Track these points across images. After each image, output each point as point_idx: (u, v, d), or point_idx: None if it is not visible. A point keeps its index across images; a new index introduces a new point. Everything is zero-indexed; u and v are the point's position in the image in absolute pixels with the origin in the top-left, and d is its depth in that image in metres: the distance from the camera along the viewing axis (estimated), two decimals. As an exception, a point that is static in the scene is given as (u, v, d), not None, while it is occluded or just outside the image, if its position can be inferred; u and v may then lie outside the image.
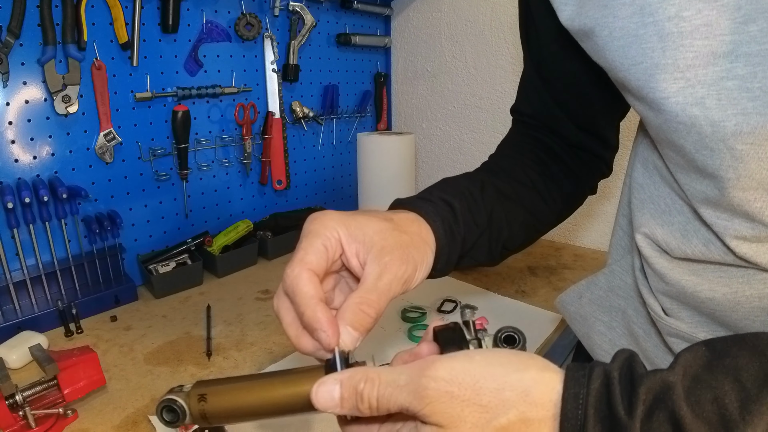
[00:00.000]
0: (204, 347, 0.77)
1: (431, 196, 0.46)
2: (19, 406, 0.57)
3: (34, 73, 0.83)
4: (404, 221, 0.41)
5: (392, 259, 0.36)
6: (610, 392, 0.26)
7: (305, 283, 0.34)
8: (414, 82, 1.43)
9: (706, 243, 0.39)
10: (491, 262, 0.52)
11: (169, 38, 0.98)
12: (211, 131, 1.08)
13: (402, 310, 0.86)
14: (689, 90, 0.34)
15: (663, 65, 0.35)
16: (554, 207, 0.56)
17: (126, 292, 0.92)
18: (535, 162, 0.55)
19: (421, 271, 0.40)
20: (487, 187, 0.50)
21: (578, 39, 0.43)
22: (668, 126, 0.36)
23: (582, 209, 1.20)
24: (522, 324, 0.82)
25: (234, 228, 1.08)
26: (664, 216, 0.43)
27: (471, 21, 1.26)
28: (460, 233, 0.45)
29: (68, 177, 0.89)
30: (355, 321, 0.35)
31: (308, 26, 1.17)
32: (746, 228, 0.36)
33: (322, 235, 0.37)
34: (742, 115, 0.32)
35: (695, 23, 0.33)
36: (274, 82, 1.16)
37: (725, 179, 0.34)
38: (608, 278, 0.55)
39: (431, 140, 1.44)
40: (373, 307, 0.35)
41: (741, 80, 0.32)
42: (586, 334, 0.58)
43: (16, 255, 0.83)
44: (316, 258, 0.36)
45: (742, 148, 0.33)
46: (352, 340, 0.34)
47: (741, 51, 0.32)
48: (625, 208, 0.53)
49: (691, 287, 0.41)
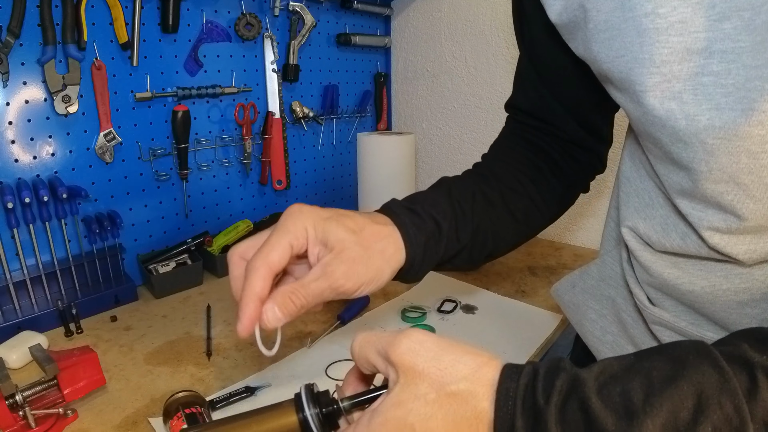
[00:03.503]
0: (204, 347, 0.77)
1: (422, 210, 0.47)
2: (19, 406, 0.57)
3: (34, 73, 0.83)
4: (373, 236, 0.43)
5: (335, 270, 0.40)
6: (535, 388, 0.29)
7: (257, 278, 0.39)
8: (414, 82, 1.43)
9: (683, 236, 0.41)
10: (472, 268, 0.54)
11: (169, 38, 0.98)
12: (211, 131, 1.08)
13: (402, 310, 0.86)
14: (666, 84, 0.35)
15: (641, 60, 0.36)
16: (545, 211, 0.57)
17: (126, 292, 0.92)
18: (528, 166, 0.56)
19: (367, 288, 0.42)
20: (477, 198, 0.51)
21: (566, 35, 0.44)
22: (646, 119, 0.38)
23: (583, 209, 1.20)
24: (522, 324, 0.82)
25: (234, 228, 1.09)
26: (647, 210, 0.45)
27: (471, 21, 1.26)
28: (438, 253, 0.47)
29: (68, 177, 0.89)
30: (282, 304, 0.39)
31: (308, 26, 1.17)
32: (719, 219, 0.37)
33: (293, 233, 0.40)
34: (716, 110, 0.33)
35: (670, 20, 0.34)
36: (274, 82, 1.16)
37: (698, 172, 0.36)
38: (600, 268, 0.57)
39: (431, 140, 1.44)
40: (299, 299, 0.39)
41: (716, 76, 0.33)
42: (579, 321, 0.60)
43: (16, 255, 0.83)
44: (279, 257, 0.39)
45: (713, 142, 0.34)
46: (275, 318, 0.39)
47: (715, 48, 0.33)
48: (615, 200, 0.54)
49: (672, 279, 0.43)
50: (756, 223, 0.36)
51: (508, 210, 0.53)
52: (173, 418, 0.55)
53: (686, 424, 0.26)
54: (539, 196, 0.55)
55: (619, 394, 0.27)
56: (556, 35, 0.46)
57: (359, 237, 0.41)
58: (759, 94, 0.31)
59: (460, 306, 0.88)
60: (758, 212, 0.35)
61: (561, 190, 0.58)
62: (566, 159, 0.57)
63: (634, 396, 0.27)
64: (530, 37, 0.54)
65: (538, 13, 0.48)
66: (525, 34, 0.55)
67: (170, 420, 0.55)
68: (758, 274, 0.38)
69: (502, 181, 0.54)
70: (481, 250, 0.52)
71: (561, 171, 0.57)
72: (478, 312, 0.87)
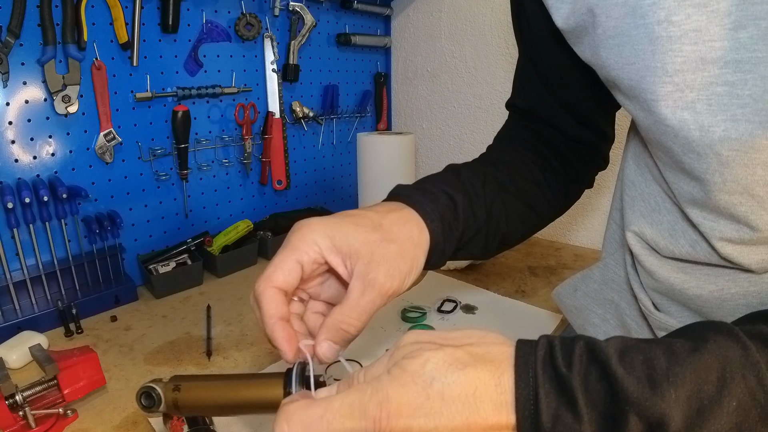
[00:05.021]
0: (204, 347, 0.77)
1: (434, 188, 0.45)
2: (19, 406, 0.57)
3: (34, 73, 0.83)
4: (394, 226, 0.40)
5: (377, 276, 0.37)
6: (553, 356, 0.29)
7: (267, 302, 0.36)
8: (414, 82, 1.43)
9: (692, 244, 0.40)
10: (485, 256, 0.52)
11: (169, 38, 0.98)
12: (211, 131, 1.08)
13: (402, 310, 0.86)
14: (678, 94, 0.34)
15: (653, 68, 0.35)
16: (553, 201, 0.56)
17: (126, 292, 0.92)
18: (535, 154, 0.55)
19: (409, 280, 0.40)
20: (488, 181, 0.50)
21: (572, 39, 0.44)
22: (657, 128, 0.37)
23: (583, 207, 1.20)
24: (522, 324, 0.82)
25: (234, 228, 1.08)
26: (654, 215, 0.44)
27: (471, 21, 1.26)
28: (458, 229, 0.45)
29: (68, 177, 0.89)
30: (336, 337, 0.36)
31: (308, 26, 1.17)
32: (731, 230, 0.36)
33: (299, 249, 0.37)
34: (732, 121, 0.32)
35: (684, 28, 0.33)
36: (274, 82, 1.16)
37: (711, 183, 0.35)
38: (602, 272, 0.56)
39: (431, 140, 1.44)
40: (353, 325, 0.37)
41: (731, 86, 0.32)
42: (581, 325, 0.59)
43: (16, 255, 0.83)
44: (283, 276, 0.37)
45: (729, 154, 0.33)
46: (333, 351, 0.37)
47: (731, 57, 0.32)
48: (618, 202, 0.53)
49: (679, 284, 0.42)
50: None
51: (519, 194, 0.52)
52: (173, 418, 0.55)
53: (710, 397, 0.25)
54: (546, 182, 0.54)
55: (641, 363, 0.27)
56: (557, 35, 0.46)
57: (382, 232, 0.39)
58: None
59: (460, 306, 0.88)
60: None
61: (566, 179, 0.57)
62: (571, 151, 0.57)
63: (657, 364, 0.26)
64: (530, 37, 0.54)
65: (539, 14, 0.47)
66: (525, 33, 0.55)
67: (170, 420, 0.55)
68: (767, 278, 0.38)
69: (511, 167, 0.53)
70: (495, 234, 0.50)
71: (568, 162, 0.56)
72: (478, 312, 0.87)
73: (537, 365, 0.28)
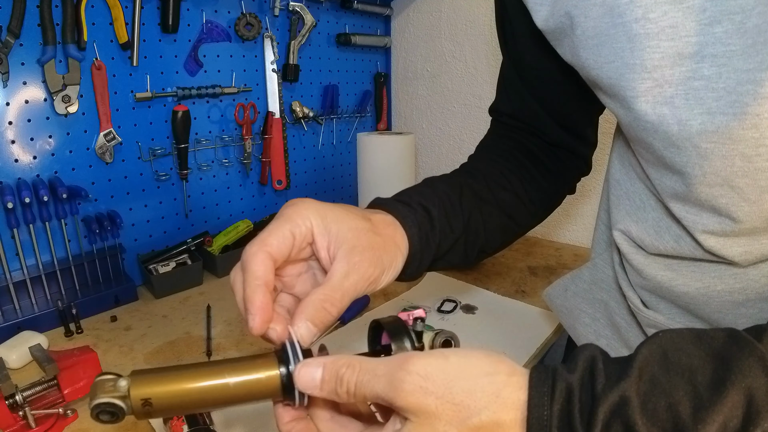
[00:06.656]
0: (204, 347, 0.77)
1: (410, 200, 0.45)
2: (19, 406, 0.57)
3: (34, 73, 0.83)
4: (381, 223, 0.41)
5: (362, 260, 0.36)
6: (571, 413, 0.27)
7: (257, 263, 0.34)
8: (414, 82, 1.43)
9: (676, 239, 0.41)
10: (466, 265, 0.53)
11: (169, 38, 0.98)
12: (211, 131, 1.08)
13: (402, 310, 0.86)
14: (657, 90, 0.35)
15: (632, 65, 0.35)
16: (532, 209, 0.56)
17: (126, 292, 0.92)
18: (514, 164, 0.56)
19: (388, 275, 0.40)
20: (465, 192, 0.50)
21: (553, 41, 0.44)
22: (638, 124, 0.37)
23: (582, 208, 1.20)
24: (522, 324, 0.82)
25: (234, 228, 1.08)
26: (639, 212, 0.45)
27: (471, 21, 1.26)
28: (435, 240, 0.45)
29: (68, 177, 0.89)
30: (315, 317, 0.34)
31: (308, 26, 1.17)
32: (713, 222, 0.37)
33: (293, 221, 0.36)
34: (708, 114, 0.33)
35: (661, 25, 0.34)
36: (274, 82, 1.16)
37: (692, 176, 0.36)
38: (591, 272, 0.57)
39: (431, 140, 1.44)
40: (335, 305, 0.35)
41: (707, 80, 0.33)
42: (571, 325, 0.60)
43: (16, 255, 0.83)
44: (277, 242, 0.35)
45: (707, 146, 0.34)
46: (310, 334, 0.34)
47: (707, 52, 0.33)
48: (605, 202, 0.54)
49: (666, 282, 0.43)
50: (751, 225, 0.36)
51: (497, 203, 0.52)
52: (173, 417, 0.55)
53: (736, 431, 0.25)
54: (525, 192, 0.55)
55: (665, 410, 0.26)
56: (539, 39, 0.46)
57: (371, 224, 0.39)
58: (752, 97, 0.31)
59: (460, 306, 0.88)
60: (753, 214, 0.35)
61: (546, 188, 0.57)
62: (551, 159, 0.57)
63: (682, 411, 0.26)
64: (513, 41, 0.54)
65: (522, 16, 0.47)
66: (508, 37, 0.55)
67: (170, 420, 0.55)
68: (753, 274, 0.39)
69: (488, 177, 0.53)
70: (474, 244, 0.50)
71: (546, 170, 0.57)
72: (478, 312, 0.87)
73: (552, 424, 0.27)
